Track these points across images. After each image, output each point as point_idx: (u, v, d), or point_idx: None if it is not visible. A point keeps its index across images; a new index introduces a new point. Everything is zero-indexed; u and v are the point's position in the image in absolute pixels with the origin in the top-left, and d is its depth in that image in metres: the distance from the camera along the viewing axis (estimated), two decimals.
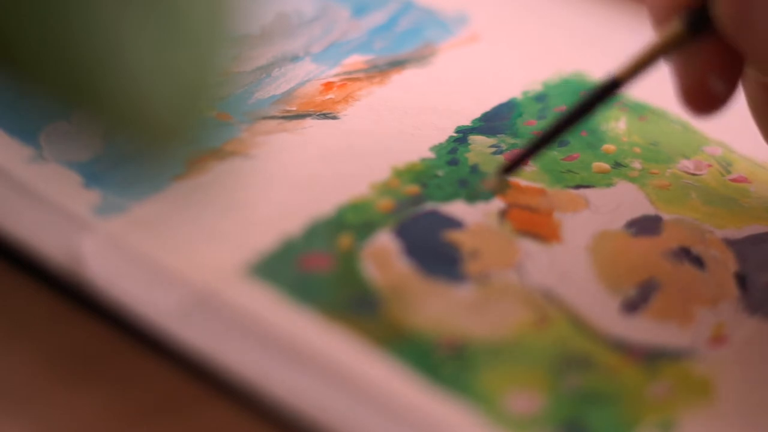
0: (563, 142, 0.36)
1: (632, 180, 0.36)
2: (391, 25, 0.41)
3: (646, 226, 0.34)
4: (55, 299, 0.31)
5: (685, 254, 0.34)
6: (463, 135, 0.37)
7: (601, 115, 0.38)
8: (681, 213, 0.35)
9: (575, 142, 0.37)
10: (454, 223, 0.34)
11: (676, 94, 0.32)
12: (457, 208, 0.34)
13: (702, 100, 0.32)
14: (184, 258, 0.31)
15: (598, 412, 0.30)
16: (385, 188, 0.34)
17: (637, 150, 0.37)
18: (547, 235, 0.34)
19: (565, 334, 0.31)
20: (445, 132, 0.37)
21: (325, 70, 0.39)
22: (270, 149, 0.35)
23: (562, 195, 0.35)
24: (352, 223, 0.33)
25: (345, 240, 0.33)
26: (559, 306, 0.32)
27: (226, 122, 0.36)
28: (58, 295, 0.31)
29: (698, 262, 0.34)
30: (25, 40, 0.25)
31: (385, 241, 0.33)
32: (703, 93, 0.31)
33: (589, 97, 0.32)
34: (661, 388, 0.30)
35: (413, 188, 0.34)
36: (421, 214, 0.34)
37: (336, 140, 0.36)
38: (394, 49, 0.40)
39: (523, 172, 0.35)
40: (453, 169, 0.35)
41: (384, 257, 0.32)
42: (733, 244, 0.34)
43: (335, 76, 0.39)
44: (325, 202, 0.34)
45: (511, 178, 0.35)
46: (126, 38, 0.25)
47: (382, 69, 0.39)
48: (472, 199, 0.34)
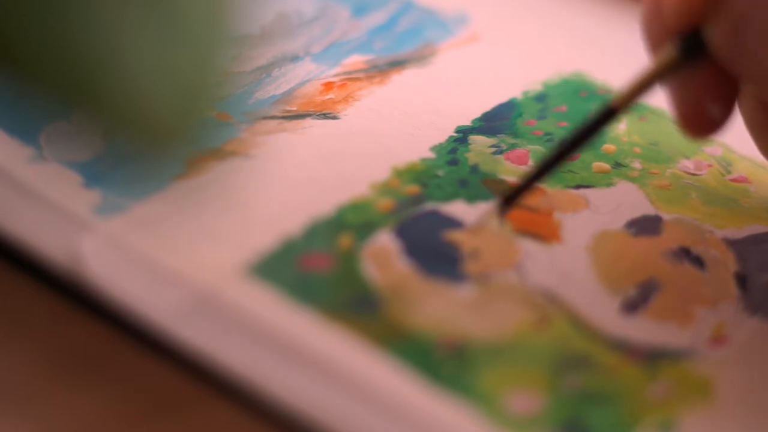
0: None
1: (632, 180, 0.36)
2: (391, 25, 0.41)
3: (646, 226, 0.34)
4: (55, 299, 0.31)
5: (685, 254, 0.34)
6: (463, 135, 0.37)
7: None
8: (681, 213, 0.35)
9: None
10: (454, 223, 0.34)
11: (673, 118, 0.32)
12: (457, 208, 0.34)
13: (700, 125, 0.32)
14: (184, 258, 0.31)
15: (598, 412, 0.30)
16: (385, 188, 0.34)
17: (637, 150, 0.37)
18: (547, 235, 0.34)
19: (565, 334, 0.31)
20: (445, 132, 0.37)
21: (325, 70, 0.39)
22: (270, 149, 0.35)
23: (562, 195, 0.35)
24: (352, 223, 0.33)
25: (345, 240, 0.33)
26: (559, 306, 0.32)
27: (226, 122, 0.36)
28: (58, 295, 0.31)
29: (698, 262, 0.34)
30: (25, 40, 0.25)
31: (385, 241, 0.33)
32: (701, 118, 0.32)
33: (586, 125, 0.32)
34: (661, 388, 0.30)
35: (413, 188, 0.34)
36: (421, 214, 0.34)
37: (336, 140, 0.36)
38: (394, 49, 0.40)
39: (523, 173, 0.35)
40: (453, 169, 0.35)
41: (384, 257, 0.32)
42: (733, 244, 0.34)
43: (335, 76, 0.39)
44: (325, 202, 0.34)
45: (511, 178, 0.35)
46: (126, 38, 0.25)
47: (382, 69, 0.39)
48: (472, 199, 0.34)
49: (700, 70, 0.31)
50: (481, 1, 0.43)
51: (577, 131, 0.32)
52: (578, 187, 0.35)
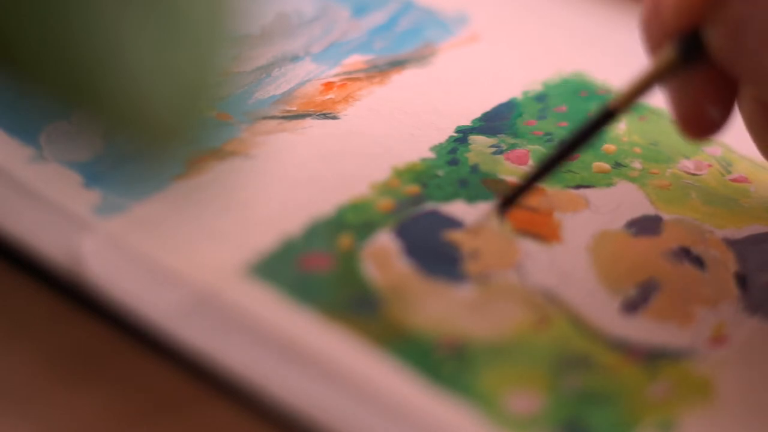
0: None
1: (632, 180, 0.36)
2: (391, 25, 0.41)
3: (646, 226, 0.34)
4: (55, 299, 0.31)
5: (685, 254, 0.34)
6: (463, 135, 0.37)
7: None
8: (681, 213, 0.35)
9: None
10: (454, 223, 0.34)
11: (673, 120, 0.32)
12: (457, 208, 0.34)
13: (699, 127, 0.32)
14: (184, 258, 0.31)
15: (598, 412, 0.30)
16: (385, 188, 0.34)
17: (638, 150, 0.37)
18: (547, 235, 0.34)
19: (565, 334, 0.31)
20: (445, 132, 0.37)
21: (325, 70, 0.39)
22: (270, 149, 0.35)
23: (562, 195, 0.35)
24: (352, 223, 0.33)
25: (345, 240, 0.33)
26: (559, 306, 0.32)
27: (226, 122, 0.36)
28: (58, 295, 0.31)
29: (698, 262, 0.34)
30: (25, 40, 0.25)
31: (385, 241, 0.33)
32: (700, 120, 0.32)
33: (584, 127, 0.32)
34: (661, 388, 0.30)
35: (413, 188, 0.34)
36: (421, 214, 0.34)
37: (336, 140, 0.36)
38: (394, 49, 0.40)
39: (523, 173, 0.35)
40: (453, 169, 0.35)
41: (384, 257, 0.32)
42: (733, 244, 0.34)
43: (335, 76, 0.39)
44: (325, 202, 0.34)
45: (511, 180, 0.35)
46: (126, 38, 0.25)
47: (382, 69, 0.39)
48: (472, 199, 0.34)
49: (699, 72, 0.31)
50: (481, 1, 0.43)
51: (577, 132, 0.32)
52: (578, 187, 0.35)
